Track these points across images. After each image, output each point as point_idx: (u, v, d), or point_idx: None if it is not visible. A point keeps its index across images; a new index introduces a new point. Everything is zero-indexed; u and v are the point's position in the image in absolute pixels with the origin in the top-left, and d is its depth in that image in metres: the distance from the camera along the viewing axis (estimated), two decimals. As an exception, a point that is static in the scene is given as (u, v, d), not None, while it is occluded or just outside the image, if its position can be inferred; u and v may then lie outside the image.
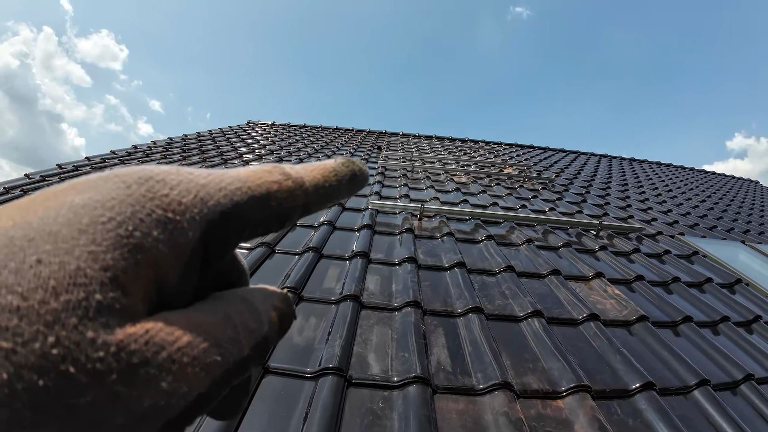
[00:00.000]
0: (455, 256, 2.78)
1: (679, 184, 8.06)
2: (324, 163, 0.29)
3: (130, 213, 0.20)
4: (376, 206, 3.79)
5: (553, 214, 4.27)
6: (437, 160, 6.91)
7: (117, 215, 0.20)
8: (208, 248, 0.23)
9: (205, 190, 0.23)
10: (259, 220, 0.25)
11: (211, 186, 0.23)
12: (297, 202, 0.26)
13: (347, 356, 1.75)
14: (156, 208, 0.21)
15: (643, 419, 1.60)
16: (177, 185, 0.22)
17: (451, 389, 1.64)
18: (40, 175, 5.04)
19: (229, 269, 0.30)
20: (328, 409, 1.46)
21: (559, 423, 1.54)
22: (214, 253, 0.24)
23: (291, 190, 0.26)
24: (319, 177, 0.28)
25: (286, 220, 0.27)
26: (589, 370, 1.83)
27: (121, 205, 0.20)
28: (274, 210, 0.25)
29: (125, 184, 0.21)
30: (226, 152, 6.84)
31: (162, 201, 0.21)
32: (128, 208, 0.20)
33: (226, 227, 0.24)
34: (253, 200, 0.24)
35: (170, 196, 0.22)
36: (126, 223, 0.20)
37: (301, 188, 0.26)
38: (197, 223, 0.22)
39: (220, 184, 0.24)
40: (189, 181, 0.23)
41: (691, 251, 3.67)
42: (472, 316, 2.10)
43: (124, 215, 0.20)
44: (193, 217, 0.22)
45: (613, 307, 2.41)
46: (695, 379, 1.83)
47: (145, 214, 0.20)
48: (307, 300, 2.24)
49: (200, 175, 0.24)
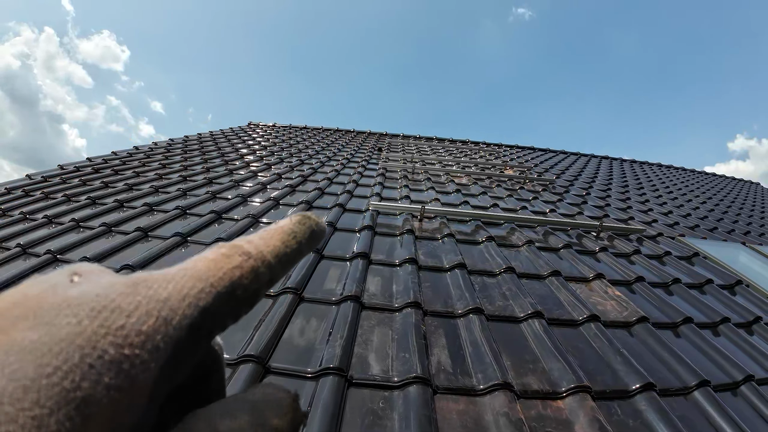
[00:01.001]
0: (456, 257, 2.78)
1: (679, 185, 8.05)
2: (280, 225, 0.28)
3: (78, 359, 0.18)
4: (376, 207, 3.80)
5: (554, 215, 4.28)
6: (438, 162, 6.92)
7: (63, 363, 0.18)
8: (176, 366, 0.21)
9: (168, 305, 0.21)
10: (229, 313, 0.24)
11: (174, 298, 0.22)
12: (262, 280, 0.25)
13: (348, 356, 1.76)
14: (109, 346, 0.19)
15: (643, 420, 1.61)
16: (135, 310, 0.20)
17: (451, 389, 1.64)
18: (42, 175, 5.06)
19: (202, 358, 0.27)
20: (329, 409, 1.47)
21: (560, 423, 1.54)
22: (184, 366, 0.22)
23: (255, 269, 0.25)
24: (279, 245, 0.26)
25: (255, 301, 0.25)
26: (590, 370, 1.83)
27: (69, 348, 0.18)
28: (241, 298, 0.24)
29: (77, 319, 0.19)
30: (227, 153, 6.85)
31: (117, 336, 0.19)
32: (77, 353, 0.18)
33: (195, 338, 0.22)
34: (219, 298, 0.23)
35: (127, 327, 0.20)
36: (73, 373, 0.17)
37: (264, 263, 0.25)
38: (162, 350, 0.20)
39: (182, 291, 0.22)
40: (148, 301, 0.21)
41: (691, 252, 3.67)
42: (472, 317, 2.10)
43: (71, 362, 0.18)
44: (156, 345, 0.20)
45: (613, 309, 2.42)
46: (695, 380, 1.84)
47: (96, 357, 0.18)
48: (308, 301, 2.25)
49: (161, 286, 0.22)
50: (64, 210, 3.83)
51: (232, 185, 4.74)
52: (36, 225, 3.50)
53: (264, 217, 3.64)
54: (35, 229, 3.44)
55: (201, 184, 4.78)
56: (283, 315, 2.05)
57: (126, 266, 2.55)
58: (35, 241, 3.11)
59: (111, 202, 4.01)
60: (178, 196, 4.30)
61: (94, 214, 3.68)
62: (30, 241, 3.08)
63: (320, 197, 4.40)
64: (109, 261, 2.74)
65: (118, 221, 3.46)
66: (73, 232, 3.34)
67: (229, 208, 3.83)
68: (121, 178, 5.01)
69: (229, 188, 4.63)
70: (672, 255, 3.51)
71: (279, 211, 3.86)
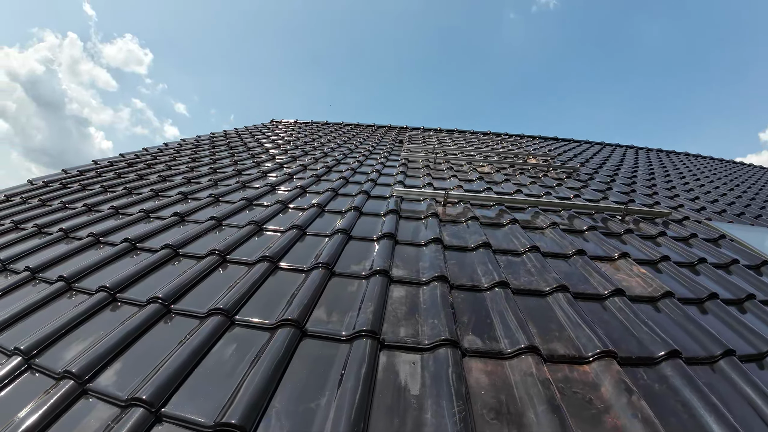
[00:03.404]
0: (480, 237, 2.84)
1: (707, 173, 7.89)
2: None
3: None
4: (400, 193, 3.87)
5: (578, 200, 4.28)
6: (460, 152, 6.94)
7: None
8: None
9: None
10: None
11: None
12: None
13: (379, 321, 1.84)
14: None
15: (669, 385, 1.63)
16: None
17: (479, 352, 1.71)
18: (78, 169, 5.28)
19: None
20: (363, 367, 1.55)
21: (586, 385, 1.59)
22: None
23: None
24: None
25: None
26: (615, 339, 1.87)
27: None
28: None
29: None
30: (252, 147, 7.03)
31: None
32: None
33: None
34: None
35: None
36: None
37: None
38: None
39: None
40: None
41: (717, 235, 3.63)
42: (498, 290, 2.16)
43: None
44: None
45: (638, 285, 2.44)
46: (720, 350, 1.85)
47: None
48: (339, 275, 2.35)
49: None
50: (102, 199, 4.02)
51: (259, 176, 4.88)
52: (76, 212, 3.69)
53: (291, 203, 3.75)
54: (75, 216, 3.63)
55: (230, 175, 4.93)
56: (317, 285, 2.16)
57: (167, 245, 2.69)
58: (77, 227, 3.29)
59: (146, 191, 4.19)
60: (210, 185, 4.45)
61: (131, 203, 3.85)
62: (71, 227, 3.26)
63: (344, 186, 4.50)
64: (151, 242, 2.89)
65: (155, 208, 3.62)
66: (112, 218, 3.51)
67: (258, 196, 3.96)
68: (154, 170, 5.20)
69: (257, 178, 4.78)
70: (698, 237, 3.47)
71: (305, 198, 3.96)
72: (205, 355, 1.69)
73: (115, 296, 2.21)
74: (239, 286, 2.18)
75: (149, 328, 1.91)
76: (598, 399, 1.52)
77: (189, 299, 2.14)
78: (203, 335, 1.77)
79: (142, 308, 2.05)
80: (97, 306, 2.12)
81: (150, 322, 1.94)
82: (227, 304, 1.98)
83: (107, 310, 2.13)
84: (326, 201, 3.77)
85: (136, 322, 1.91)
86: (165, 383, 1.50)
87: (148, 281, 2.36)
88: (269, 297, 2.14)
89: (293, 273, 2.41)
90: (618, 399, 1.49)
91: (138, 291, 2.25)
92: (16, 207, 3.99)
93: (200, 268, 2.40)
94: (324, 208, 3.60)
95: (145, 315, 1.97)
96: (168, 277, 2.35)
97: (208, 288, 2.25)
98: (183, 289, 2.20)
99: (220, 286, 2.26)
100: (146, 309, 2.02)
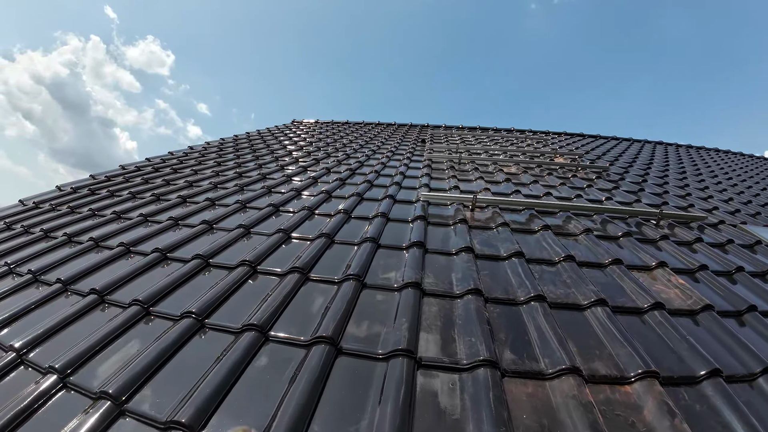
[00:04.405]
0: (512, 245, 2.79)
1: (738, 171, 7.63)
2: None
3: None
4: (427, 198, 3.83)
5: (610, 203, 4.17)
6: (484, 151, 6.85)
7: None
8: None
9: None
10: None
11: None
12: None
13: (414, 339, 1.82)
14: None
15: (709, 405, 1.59)
16: None
17: (519, 373, 1.67)
18: (105, 175, 5.38)
19: None
20: (402, 389, 1.53)
21: (628, 407, 1.54)
22: None
23: None
24: None
25: None
26: (656, 356, 1.81)
27: None
28: None
29: None
30: (276, 150, 7.07)
31: None
32: None
33: None
34: None
35: None
36: None
37: None
38: None
39: None
40: None
41: (754, 240, 3.51)
42: (534, 305, 2.11)
43: None
44: None
45: (677, 297, 2.36)
46: (760, 367, 1.79)
47: None
48: (370, 287, 2.33)
49: None
50: (131, 206, 4.09)
51: (284, 180, 4.90)
52: (105, 221, 3.75)
53: (317, 209, 3.74)
54: (105, 224, 3.69)
55: (256, 179, 4.96)
56: (349, 299, 2.15)
57: (197, 255, 2.71)
58: (106, 235, 3.34)
59: (174, 198, 4.24)
60: (236, 191, 4.49)
61: (160, 210, 3.90)
62: (101, 235, 3.31)
63: (369, 189, 4.47)
64: (181, 251, 2.92)
65: (183, 215, 3.66)
66: (142, 227, 3.56)
67: (284, 202, 3.97)
68: (181, 175, 5.27)
69: (282, 183, 4.79)
70: (734, 243, 3.36)
71: (331, 204, 3.95)
72: (241, 374, 1.69)
73: (149, 310, 2.23)
74: (271, 299, 2.18)
75: (184, 344, 1.92)
76: (641, 422, 1.48)
77: (222, 313, 2.15)
78: (239, 352, 1.77)
79: (176, 323, 2.07)
80: (131, 321, 2.14)
81: (185, 338, 1.95)
82: (261, 319, 1.97)
83: (141, 324, 2.15)
84: (352, 207, 3.75)
85: (171, 338, 1.92)
86: (203, 404, 1.50)
87: (180, 294, 2.38)
88: (302, 311, 2.13)
89: (324, 285, 2.40)
90: (661, 422, 1.45)
91: (171, 304, 2.27)
92: (45, 214, 4.09)
93: (232, 280, 2.41)
94: (350, 214, 3.58)
95: (180, 330, 1.97)
96: (200, 290, 2.36)
97: (241, 301, 2.26)
98: (216, 303, 2.20)
99: (253, 299, 2.26)
100: (180, 324, 2.03)
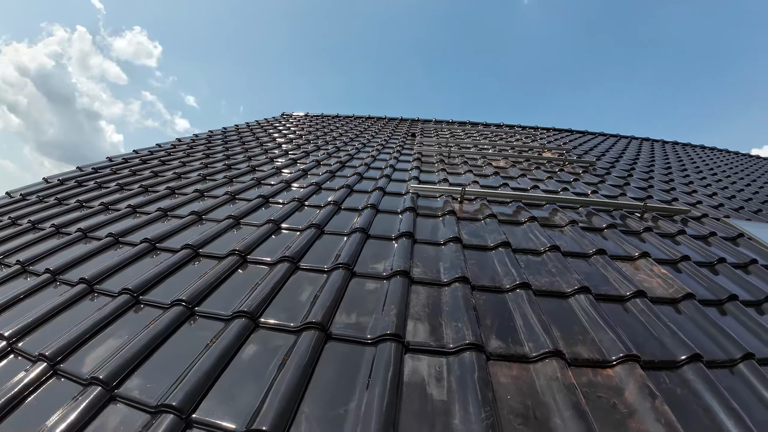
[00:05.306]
0: (499, 236, 2.83)
1: (723, 167, 7.77)
2: None
3: None
4: (416, 190, 3.86)
5: (596, 196, 4.24)
6: (473, 146, 6.89)
7: None
8: None
9: None
10: None
11: None
12: None
13: (403, 324, 1.85)
14: None
15: (690, 389, 1.63)
16: None
17: (504, 356, 1.71)
18: (92, 167, 5.32)
19: None
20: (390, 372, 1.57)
21: (610, 389, 1.59)
22: None
23: None
24: None
25: None
26: (638, 342, 1.87)
27: None
28: None
29: None
30: (265, 143, 7.05)
31: None
32: None
33: None
34: None
35: None
36: None
37: None
38: None
39: None
40: None
41: (736, 233, 3.59)
42: (520, 292, 2.16)
43: None
44: None
45: (659, 285, 2.42)
46: (740, 353, 1.85)
47: None
48: (360, 275, 2.36)
49: None
50: (119, 197, 4.06)
51: (274, 172, 4.90)
52: (93, 212, 3.73)
53: (307, 200, 3.76)
54: (93, 215, 3.67)
55: (245, 171, 4.96)
56: (339, 287, 2.17)
57: (187, 245, 2.72)
58: (95, 226, 3.32)
59: (163, 189, 4.23)
60: (225, 182, 4.48)
61: (148, 201, 3.89)
62: (90, 226, 3.30)
63: (359, 182, 4.49)
64: (170, 241, 2.92)
65: (172, 206, 3.65)
66: (130, 218, 3.54)
67: (274, 193, 3.97)
68: (169, 167, 5.24)
69: (272, 175, 4.79)
70: (717, 235, 3.44)
71: (321, 195, 3.97)
72: (231, 359, 1.71)
73: (138, 298, 2.23)
74: (261, 287, 2.19)
75: (174, 331, 1.94)
76: (622, 404, 1.52)
77: (212, 301, 2.16)
78: (229, 338, 1.79)
79: (166, 311, 2.08)
80: (121, 309, 2.15)
81: (175, 325, 1.96)
82: (251, 306, 2.00)
83: (130, 312, 2.15)
84: (342, 198, 3.77)
85: (161, 325, 1.93)
86: (194, 389, 1.52)
87: (170, 282, 2.39)
88: (292, 298, 2.16)
89: (314, 273, 2.42)
90: (642, 404, 1.49)
91: (161, 293, 2.28)
92: (33, 206, 4.04)
93: (222, 269, 2.42)
94: (340, 205, 3.60)
95: (170, 318, 1.99)
96: (190, 279, 2.38)
97: (231, 289, 2.27)
98: (206, 291, 2.22)
99: (243, 287, 2.28)
100: (170, 311, 2.04)
